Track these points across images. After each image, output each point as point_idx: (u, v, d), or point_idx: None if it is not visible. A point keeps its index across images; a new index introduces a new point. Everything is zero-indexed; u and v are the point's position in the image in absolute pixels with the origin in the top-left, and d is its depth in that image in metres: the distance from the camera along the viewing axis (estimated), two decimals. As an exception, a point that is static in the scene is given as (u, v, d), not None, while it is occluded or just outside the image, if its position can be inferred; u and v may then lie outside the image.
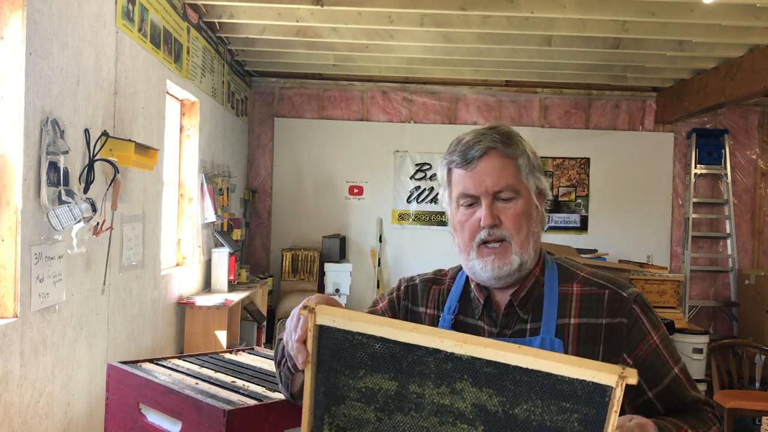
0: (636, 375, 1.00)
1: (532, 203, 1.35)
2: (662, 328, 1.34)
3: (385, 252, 7.38)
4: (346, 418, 1.21)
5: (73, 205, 2.85)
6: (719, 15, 4.72)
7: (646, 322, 1.32)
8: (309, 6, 4.73)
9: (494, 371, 1.09)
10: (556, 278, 1.37)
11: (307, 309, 1.20)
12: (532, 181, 1.35)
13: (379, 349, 1.17)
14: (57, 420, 2.99)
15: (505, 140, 1.33)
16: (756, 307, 6.80)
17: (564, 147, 7.42)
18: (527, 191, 1.34)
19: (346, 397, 1.20)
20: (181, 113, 5.20)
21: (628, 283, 1.39)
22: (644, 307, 1.33)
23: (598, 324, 1.31)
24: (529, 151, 1.36)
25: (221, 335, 4.82)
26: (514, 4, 4.70)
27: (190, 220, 5.19)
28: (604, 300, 1.33)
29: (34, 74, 2.66)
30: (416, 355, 1.14)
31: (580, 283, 1.36)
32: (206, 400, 1.50)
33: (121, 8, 3.56)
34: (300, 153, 7.37)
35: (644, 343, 1.30)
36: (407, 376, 1.15)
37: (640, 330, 1.31)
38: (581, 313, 1.33)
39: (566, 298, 1.34)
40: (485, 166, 1.32)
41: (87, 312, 3.27)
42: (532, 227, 1.34)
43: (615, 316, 1.31)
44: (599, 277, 1.38)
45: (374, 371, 1.18)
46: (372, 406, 1.18)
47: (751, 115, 7.43)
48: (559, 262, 1.42)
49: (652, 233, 7.42)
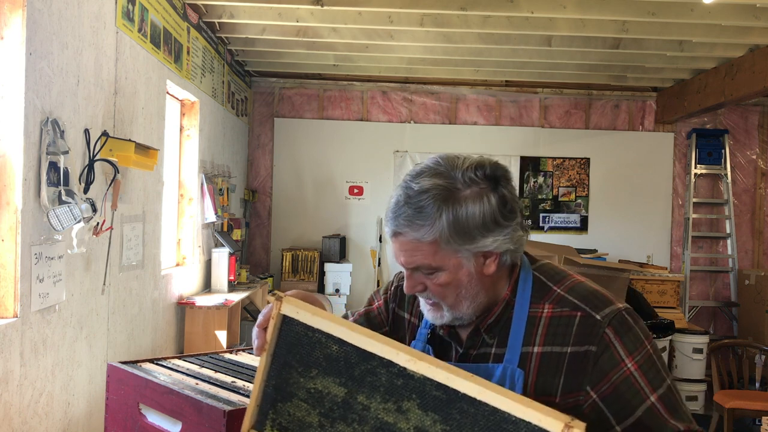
0: (583, 428, 0.94)
1: (462, 270, 1.21)
2: (645, 348, 1.20)
3: (385, 252, 7.38)
4: (290, 417, 1.18)
5: (73, 205, 2.85)
6: (719, 15, 4.72)
7: (620, 348, 1.18)
8: (309, 6, 4.73)
9: (443, 396, 1.05)
10: (528, 298, 1.26)
11: (275, 296, 1.19)
12: (464, 250, 1.19)
13: (335, 351, 1.14)
14: (57, 420, 2.99)
15: (416, 221, 1.18)
16: (756, 307, 6.80)
17: (564, 147, 7.42)
18: (453, 262, 1.20)
19: (294, 395, 1.18)
20: (181, 113, 5.20)
21: (609, 299, 1.24)
22: (621, 328, 1.19)
23: (563, 353, 1.20)
24: (461, 215, 1.17)
25: (221, 335, 4.82)
26: (514, 4, 4.70)
27: (190, 220, 5.19)
28: (574, 324, 1.21)
29: (34, 74, 2.66)
30: (370, 365, 1.11)
31: (553, 303, 1.24)
32: (206, 400, 1.50)
33: (121, 8, 3.56)
34: (300, 153, 7.37)
35: (614, 373, 1.17)
36: (357, 385, 1.12)
37: (611, 358, 1.18)
38: (546, 340, 1.22)
39: (534, 322, 1.24)
40: (398, 245, 1.24)
41: (87, 312, 3.27)
42: (462, 292, 1.23)
43: (583, 343, 1.19)
44: (576, 294, 1.24)
45: (326, 374, 1.15)
46: (317, 410, 1.16)
47: (751, 115, 7.44)
48: (538, 274, 1.29)
49: (652, 233, 7.42)
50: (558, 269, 1.31)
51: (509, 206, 1.21)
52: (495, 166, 1.23)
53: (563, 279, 1.28)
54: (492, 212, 1.19)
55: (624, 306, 1.23)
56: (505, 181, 1.22)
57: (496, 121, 7.44)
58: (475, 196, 1.19)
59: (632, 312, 1.24)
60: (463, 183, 1.19)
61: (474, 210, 1.18)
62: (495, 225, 1.19)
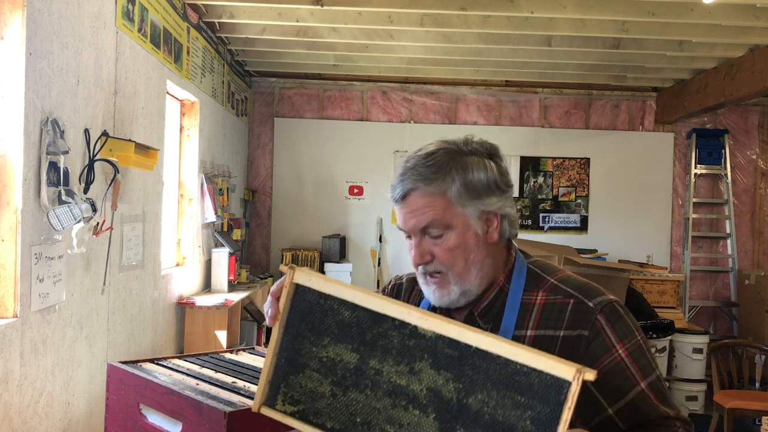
0: (594, 372, 0.99)
1: (470, 231, 1.27)
2: (635, 337, 1.25)
3: (385, 252, 7.38)
4: (302, 389, 1.18)
5: (73, 205, 2.85)
6: (719, 15, 4.72)
7: (611, 334, 1.24)
8: (309, 6, 4.73)
9: (455, 353, 1.06)
10: (522, 286, 1.31)
11: (288, 266, 1.21)
12: (472, 207, 1.27)
13: (347, 317, 1.15)
14: (57, 420, 2.99)
15: (429, 176, 1.26)
16: (756, 307, 6.80)
17: (564, 147, 7.42)
18: (462, 221, 1.27)
19: (306, 366, 1.18)
20: (181, 113, 5.20)
21: (601, 290, 1.30)
22: (612, 316, 1.25)
23: (555, 336, 1.25)
24: (469, 174, 1.27)
25: (221, 335, 4.82)
26: (514, 4, 4.70)
27: (190, 220, 5.18)
28: (567, 310, 1.26)
29: (34, 74, 2.66)
30: (382, 328, 1.12)
31: (546, 291, 1.30)
32: (207, 401, 1.50)
33: (121, 8, 3.56)
34: (300, 153, 7.37)
35: (606, 357, 1.23)
36: (370, 349, 1.13)
37: (602, 343, 1.23)
38: (540, 324, 1.27)
39: (527, 308, 1.29)
40: (409, 206, 1.29)
41: (87, 312, 3.27)
42: (470, 257, 1.28)
43: (575, 328, 1.25)
44: (570, 284, 1.30)
45: (338, 341, 1.16)
46: (329, 379, 1.16)
47: (751, 115, 7.44)
48: (532, 266, 1.35)
49: (652, 233, 7.42)
50: (551, 264, 1.38)
51: (505, 176, 1.32)
52: (490, 144, 1.35)
53: (557, 271, 1.35)
54: (494, 177, 1.29)
55: (614, 298, 1.29)
56: (498, 157, 1.34)
57: (496, 121, 7.43)
58: (478, 161, 1.29)
59: (622, 305, 1.30)
60: (467, 150, 1.30)
61: (479, 172, 1.28)
62: (497, 188, 1.29)
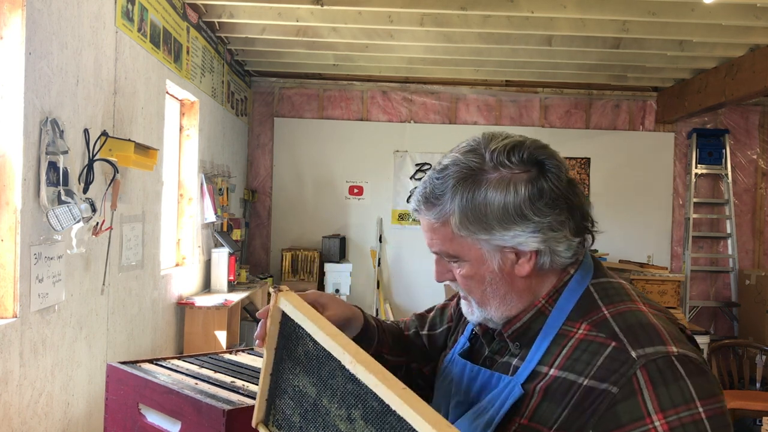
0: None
1: (484, 265, 1.06)
2: (687, 411, 0.90)
3: (385, 252, 7.38)
4: (282, 415, 1.13)
5: (72, 205, 2.84)
6: (719, 15, 4.72)
7: (649, 400, 0.91)
8: (309, 6, 4.73)
9: (378, 407, 0.90)
10: (568, 312, 1.05)
11: (274, 289, 1.14)
12: (483, 240, 1.03)
13: (311, 348, 1.05)
14: (56, 420, 2.99)
15: (431, 199, 1.06)
16: (756, 307, 6.80)
17: (564, 147, 7.41)
18: (474, 254, 1.05)
19: (285, 392, 1.12)
20: (180, 113, 5.20)
21: (662, 340, 0.96)
22: (659, 376, 0.92)
23: (577, 383, 0.97)
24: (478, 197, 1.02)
25: (221, 335, 4.82)
26: (514, 4, 4.69)
27: (189, 220, 5.18)
28: (603, 354, 0.97)
29: (33, 74, 2.66)
30: (331, 366, 1.00)
31: (591, 325, 1.01)
32: (206, 400, 1.49)
33: (120, 8, 3.56)
34: (300, 153, 7.37)
35: (632, 428, 0.91)
36: (323, 387, 1.02)
37: (634, 408, 0.91)
38: (566, 364, 1.00)
39: (560, 342, 1.03)
40: (422, 224, 1.11)
41: (86, 312, 3.26)
42: (487, 290, 1.08)
43: (604, 379, 0.95)
44: (622, 322, 1.00)
45: (305, 372, 1.07)
46: (299, 410, 1.09)
47: (752, 115, 7.43)
48: (594, 288, 1.07)
49: (653, 233, 7.42)
50: (624, 290, 1.07)
51: (546, 198, 1.02)
52: (538, 149, 1.05)
53: (620, 302, 1.04)
54: (518, 202, 1.01)
55: (682, 352, 0.95)
56: (552, 167, 1.04)
57: (496, 121, 7.43)
58: (499, 182, 1.02)
59: (697, 362, 0.95)
60: (491, 165, 1.03)
61: (494, 196, 1.02)
62: (520, 218, 1.01)
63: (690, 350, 0.97)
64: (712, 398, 0.93)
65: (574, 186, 1.07)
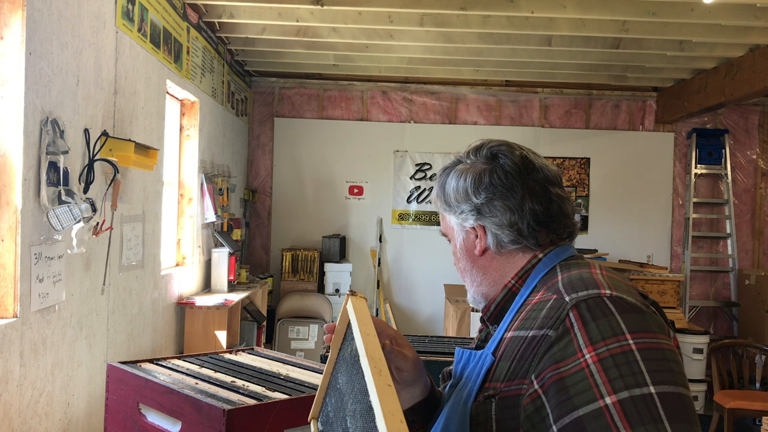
0: None
1: (456, 241, 1.25)
2: (616, 343, 0.95)
3: (385, 252, 7.38)
4: (325, 411, 1.19)
5: (72, 205, 2.84)
6: (719, 15, 4.72)
7: (582, 336, 0.96)
8: (309, 6, 4.73)
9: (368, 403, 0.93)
10: (532, 287, 1.14)
11: (349, 292, 1.18)
12: (453, 218, 1.24)
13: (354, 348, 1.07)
14: (57, 420, 2.99)
15: (436, 190, 1.30)
16: (756, 307, 6.80)
17: (564, 147, 7.42)
18: (451, 232, 1.27)
19: (333, 390, 1.18)
20: (180, 113, 5.20)
21: (597, 284, 1.04)
22: (590, 313, 0.98)
23: (522, 337, 1.05)
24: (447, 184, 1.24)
25: (221, 335, 4.82)
26: (514, 4, 4.70)
27: (190, 220, 5.18)
28: (545, 307, 1.05)
29: (33, 74, 2.66)
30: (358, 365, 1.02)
31: (545, 289, 1.10)
32: (206, 399, 1.50)
33: (120, 8, 3.56)
34: (300, 153, 7.37)
35: (565, 364, 0.96)
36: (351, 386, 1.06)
37: (567, 345, 0.97)
38: (519, 324, 1.09)
39: (523, 309, 1.12)
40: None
41: (87, 312, 3.27)
42: (459, 265, 1.26)
43: (543, 326, 1.02)
44: (567, 280, 1.08)
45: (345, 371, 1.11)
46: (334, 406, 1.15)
47: (752, 115, 7.43)
48: (560, 265, 1.16)
49: (653, 233, 7.42)
50: (585, 262, 1.15)
51: (485, 182, 1.18)
52: (499, 146, 1.22)
53: (576, 268, 1.12)
54: (466, 186, 1.21)
55: (617, 295, 1.01)
56: (504, 161, 1.19)
57: (496, 120, 7.43)
58: (461, 170, 1.24)
59: (630, 302, 1.00)
60: (462, 159, 1.27)
61: (453, 180, 1.24)
62: (465, 197, 1.21)
63: (634, 298, 1.02)
64: (646, 333, 0.97)
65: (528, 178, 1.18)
